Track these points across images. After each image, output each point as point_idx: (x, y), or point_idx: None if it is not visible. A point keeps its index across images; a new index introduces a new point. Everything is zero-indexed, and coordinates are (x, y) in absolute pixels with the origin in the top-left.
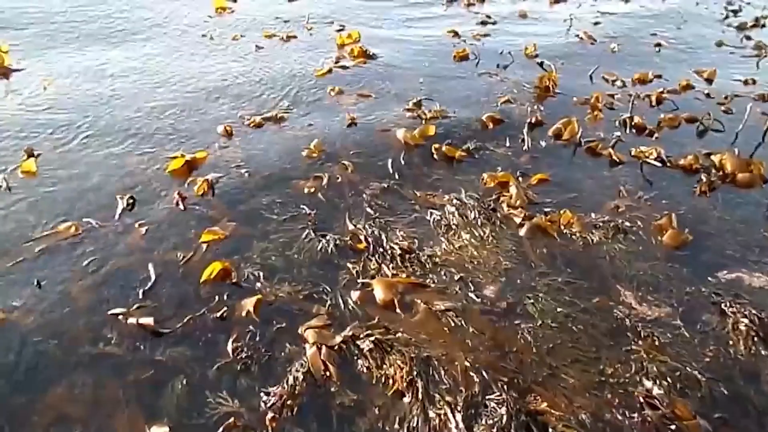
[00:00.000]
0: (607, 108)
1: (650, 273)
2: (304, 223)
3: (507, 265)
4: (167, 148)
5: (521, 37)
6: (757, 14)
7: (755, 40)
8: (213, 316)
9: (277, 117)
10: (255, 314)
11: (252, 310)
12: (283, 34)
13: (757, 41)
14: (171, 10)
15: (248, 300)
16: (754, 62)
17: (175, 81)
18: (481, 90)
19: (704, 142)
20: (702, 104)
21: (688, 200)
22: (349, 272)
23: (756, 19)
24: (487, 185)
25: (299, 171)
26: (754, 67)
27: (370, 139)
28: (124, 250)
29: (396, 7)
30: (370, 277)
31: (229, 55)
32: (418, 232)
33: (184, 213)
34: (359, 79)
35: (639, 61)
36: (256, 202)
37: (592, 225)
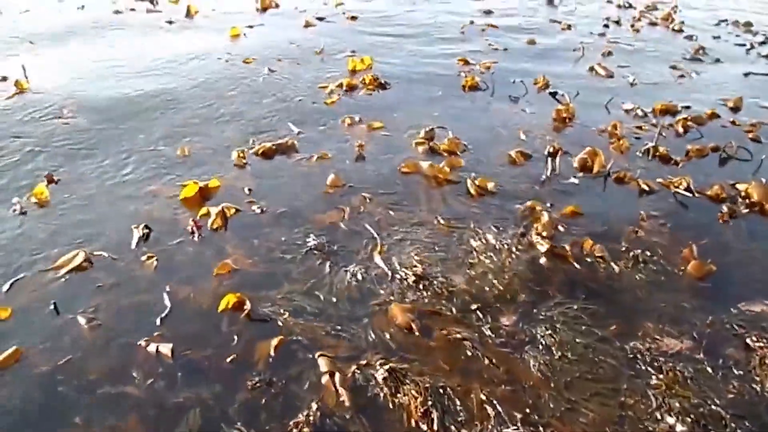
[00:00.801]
0: (629, 137)
1: (673, 304)
2: (322, 254)
3: (526, 294)
4: (181, 174)
5: (533, 66)
6: None
7: None
8: (231, 349)
9: (289, 144)
10: (274, 350)
11: (273, 351)
12: (296, 59)
13: None
14: (188, 41)
15: (269, 338)
16: None
17: (189, 106)
18: (496, 120)
19: (729, 170)
20: (728, 133)
21: (713, 230)
22: (367, 302)
23: None
24: (517, 215)
25: (315, 202)
26: None
27: (386, 170)
28: (139, 282)
29: (408, 35)
30: (387, 304)
31: (240, 79)
32: (438, 260)
33: (199, 244)
34: (371, 107)
35: (659, 91)
36: (271, 236)
37: (614, 254)
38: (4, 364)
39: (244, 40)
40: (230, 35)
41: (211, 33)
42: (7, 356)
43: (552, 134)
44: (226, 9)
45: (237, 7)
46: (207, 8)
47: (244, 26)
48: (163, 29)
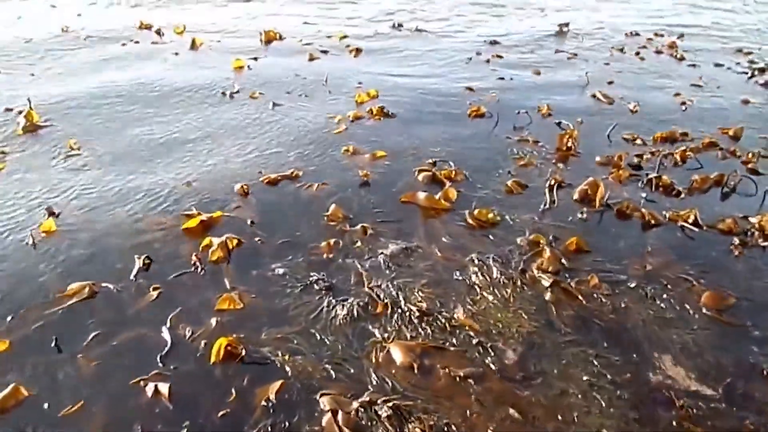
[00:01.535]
0: (631, 167)
1: (684, 339)
2: (323, 288)
3: (530, 330)
4: (184, 205)
5: (538, 95)
6: None
7: None
8: (230, 389)
9: (293, 175)
10: (275, 394)
11: (274, 395)
12: (302, 92)
13: None
14: (192, 73)
15: (268, 376)
16: None
17: (192, 139)
18: (499, 150)
19: (733, 202)
20: (727, 163)
21: (724, 265)
22: (368, 336)
23: None
24: (519, 249)
25: (317, 234)
26: None
27: (388, 200)
28: (140, 315)
29: (414, 64)
30: (389, 341)
31: (246, 112)
32: (439, 294)
33: (199, 277)
34: (376, 137)
35: (661, 119)
36: (271, 268)
37: (622, 289)
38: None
39: (249, 72)
40: (234, 67)
41: (216, 65)
42: (6, 395)
43: (554, 164)
44: (231, 42)
45: (241, 40)
46: (212, 41)
47: (248, 59)
48: (168, 61)
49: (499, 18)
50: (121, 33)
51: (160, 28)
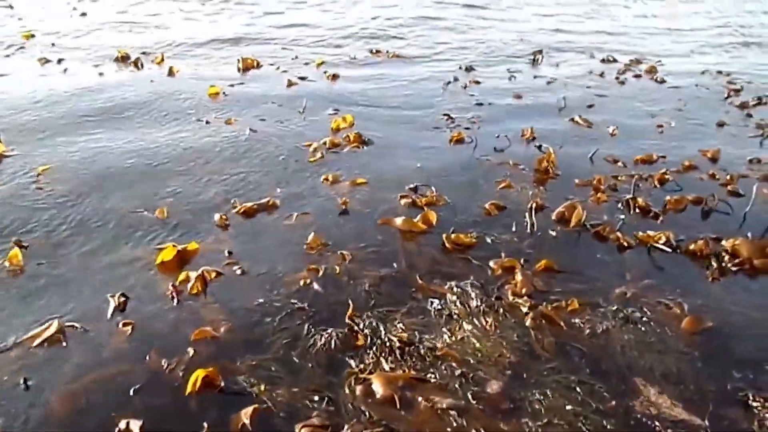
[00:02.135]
0: (610, 189)
1: (666, 365)
2: (302, 319)
3: (512, 358)
4: (159, 238)
5: (517, 119)
6: (759, 93)
7: (757, 119)
8: (205, 423)
9: (271, 204)
10: (251, 424)
11: (248, 420)
12: (278, 119)
13: (758, 120)
14: (168, 102)
15: (243, 409)
16: (757, 141)
17: (167, 168)
18: (479, 174)
19: (712, 224)
20: (707, 185)
21: (700, 286)
22: (348, 368)
23: (759, 98)
24: (492, 273)
25: (296, 263)
26: (757, 147)
27: (368, 227)
28: (114, 351)
29: (391, 88)
30: (369, 372)
31: (221, 139)
32: (419, 323)
33: (176, 310)
34: (354, 164)
35: (640, 142)
36: (250, 299)
37: (601, 314)
38: None
39: (225, 99)
40: (210, 94)
41: (192, 92)
42: None
43: (534, 187)
44: (209, 70)
45: (219, 68)
46: (190, 69)
47: (225, 85)
48: (144, 89)
49: (475, 44)
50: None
51: (139, 59)
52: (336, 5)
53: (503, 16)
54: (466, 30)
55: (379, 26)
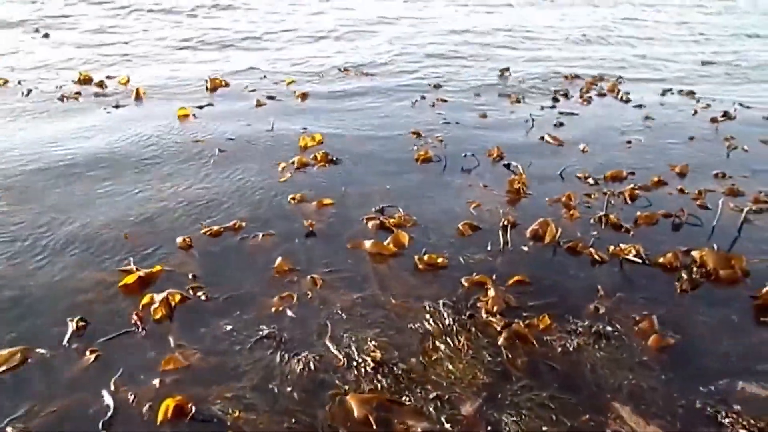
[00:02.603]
0: (582, 206)
1: (638, 382)
2: (274, 345)
3: (486, 378)
4: (120, 261)
5: (485, 138)
6: (726, 108)
7: (725, 134)
8: None
9: (237, 226)
10: None
11: None
12: (247, 139)
13: (727, 135)
14: (136, 124)
15: None
16: (723, 155)
17: (133, 190)
18: (448, 194)
19: (681, 238)
20: (676, 199)
21: (670, 300)
22: (323, 390)
23: (725, 113)
24: (464, 291)
25: (265, 286)
26: (724, 160)
27: (336, 249)
28: (77, 381)
29: (360, 107)
30: (343, 395)
31: (188, 160)
32: (393, 344)
33: (142, 337)
34: (322, 184)
35: (610, 158)
36: (218, 325)
37: (573, 330)
38: None
39: (194, 120)
40: (179, 115)
41: (160, 115)
42: None
43: (505, 206)
44: (176, 90)
45: (187, 88)
46: (156, 90)
47: (193, 106)
48: (110, 113)
49: (442, 62)
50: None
51: (102, 81)
52: (304, 25)
53: (472, 33)
54: (433, 47)
55: (349, 45)
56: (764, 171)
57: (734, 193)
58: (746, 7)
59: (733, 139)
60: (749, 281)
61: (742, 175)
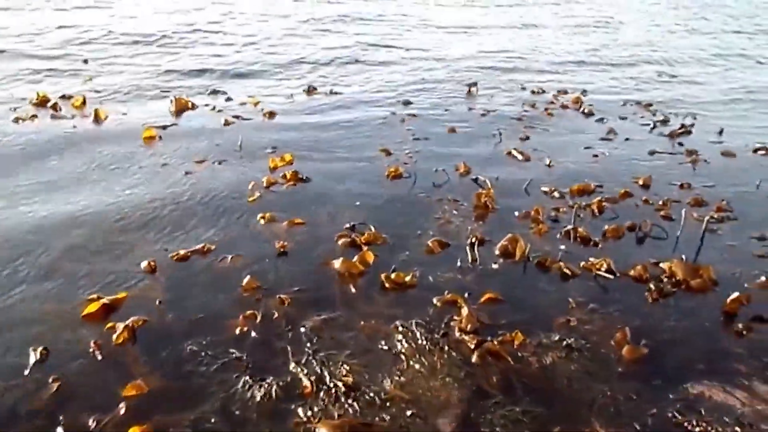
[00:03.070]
0: (550, 220)
1: (611, 394)
2: (239, 368)
3: (461, 397)
4: (85, 289)
5: (454, 153)
6: (684, 122)
7: (686, 147)
8: None
9: (205, 249)
10: None
11: None
12: (214, 159)
13: (687, 147)
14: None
15: None
16: (685, 167)
17: (96, 215)
18: (418, 210)
19: (648, 249)
20: (641, 211)
21: (641, 311)
22: (292, 417)
23: (682, 125)
24: (436, 310)
25: (231, 309)
26: (686, 172)
27: (306, 269)
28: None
29: (330, 124)
30: (314, 421)
31: (155, 183)
32: (365, 366)
33: (103, 364)
34: (292, 204)
35: (575, 172)
36: (184, 348)
37: (546, 345)
38: None
39: (160, 142)
40: (144, 137)
41: (123, 138)
42: None
43: (474, 221)
44: (139, 112)
45: (150, 110)
46: (117, 112)
47: (158, 128)
48: (67, 137)
49: (412, 78)
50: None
51: (57, 103)
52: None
53: (438, 49)
54: (401, 64)
55: (316, 62)
56: (726, 181)
57: (698, 203)
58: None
59: (696, 152)
60: (718, 289)
61: (705, 186)
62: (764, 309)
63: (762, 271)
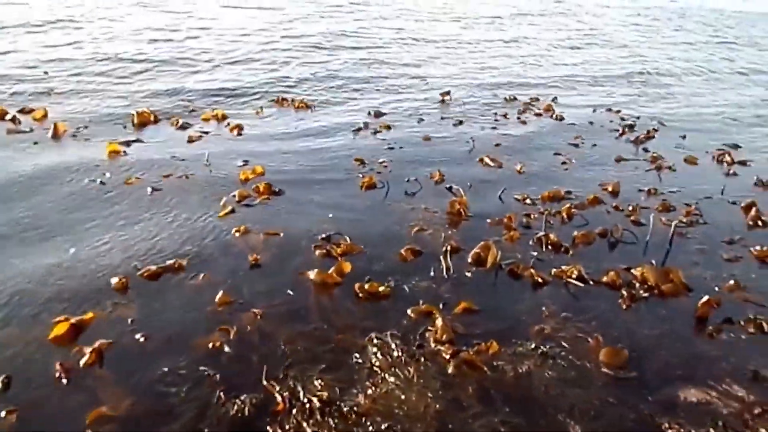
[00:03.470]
0: (522, 227)
1: (588, 399)
2: (212, 385)
3: (438, 408)
4: (52, 311)
5: (427, 162)
6: (649, 127)
7: (651, 152)
8: None
9: (177, 265)
10: None
11: None
12: (182, 174)
13: (652, 153)
14: (56, 164)
15: None
16: (652, 173)
17: (60, 235)
18: (392, 219)
19: (619, 254)
20: (611, 217)
21: (615, 317)
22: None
23: (647, 131)
24: (411, 321)
25: (204, 326)
26: (652, 178)
27: (281, 282)
28: None
29: (301, 136)
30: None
31: (121, 200)
32: (340, 380)
33: (69, 390)
34: (265, 216)
35: (546, 179)
36: (155, 369)
37: (522, 353)
38: None
39: (124, 158)
40: (107, 152)
41: (84, 153)
42: None
43: (447, 229)
44: (99, 126)
45: (111, 124)
46: (76, 126)
47: (121, 143)
48: (26, 152)
49: (384, 89)
50: None
51: (15, 116)
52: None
53: (414, 61)
54: (371, 74)
55: (288, 77)
56: (691, 185)
57: (666, 208)
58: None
59: (662, 158)
60: (690, 293)
61: (671, 191)
62: (734, 311)
63: (730, 275)
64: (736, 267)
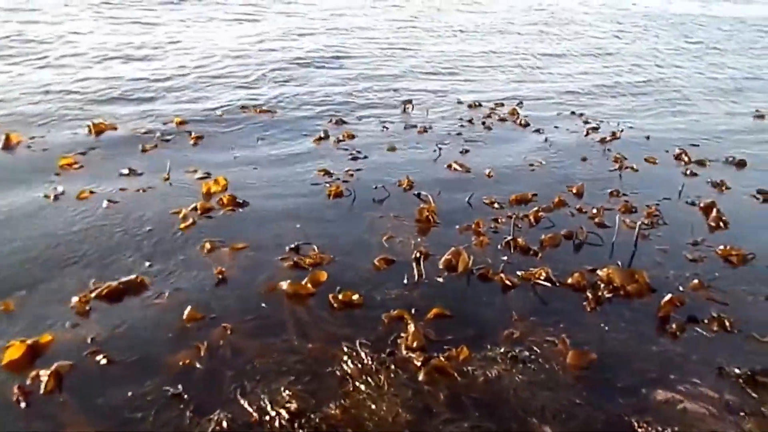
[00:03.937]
0: (491, 232)
1: (558, 401)
2: (182, 406)
3: (409, 416)
4: (5, 335)
5: (394, 170)
6: (613, 129)
7: (615, 153)
8: None
9: (139, 282)
10: None
11: None
12: (140, 187)
13: (615, 154)
14: (8, 177)
15: None
16: (614, 174)
17: (10, 253)
18: (361, 228)
19: (585, 256)
20: (576, 219)
21: (582, 318)
22: None
23: (613, 133)
24: (383, 328)
25: (173, 344)
26: (616, 179)
27: (250, 295)
28: None
29: (263, 145)
30: None
31: (75, 214)
32: (310, 391)
33: (27, 417)
34: (230, 228)
35: (514, 182)
36: (121, 391)
37: (492, 358)
38: None
39: (78, 170)
40: (60, 165)
41: (36, 165)
42: None
43: (417, 236)
44: (54, 137)
45: (66, 135)
46: (29, 136)
47: (76, 153)
48: None
49: (345, 96)
50: None
51: None
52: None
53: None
54: (332, 82)
55: (248, 80)
56: (652, 187)
57: (629, 209)
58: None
59: (624, 159)
60: (654, 293)
61: (633, 192)
62: (697, 309)
63: (693, 274)
64: (700, 267)
